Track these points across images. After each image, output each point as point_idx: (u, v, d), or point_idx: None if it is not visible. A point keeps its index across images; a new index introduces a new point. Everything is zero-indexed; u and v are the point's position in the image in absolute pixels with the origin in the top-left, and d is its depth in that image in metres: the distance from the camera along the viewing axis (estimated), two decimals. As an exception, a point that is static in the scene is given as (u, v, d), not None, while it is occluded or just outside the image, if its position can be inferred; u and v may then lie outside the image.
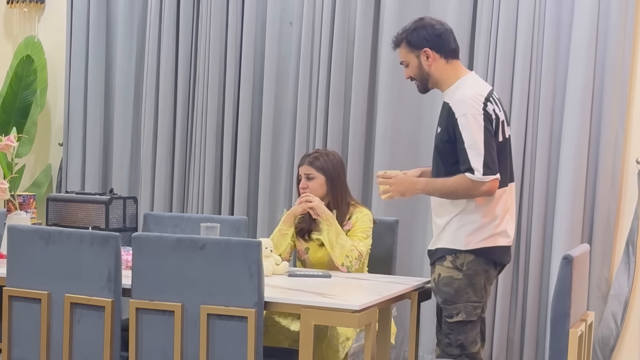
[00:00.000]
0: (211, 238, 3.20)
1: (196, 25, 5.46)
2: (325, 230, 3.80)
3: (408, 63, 3.52)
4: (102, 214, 4.45)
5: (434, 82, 3.51)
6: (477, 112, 3.36)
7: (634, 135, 4.64)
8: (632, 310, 4.63)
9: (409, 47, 3.49)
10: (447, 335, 3.44)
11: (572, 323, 3.26)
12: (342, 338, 3.69)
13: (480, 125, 3.34)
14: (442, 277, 3.44)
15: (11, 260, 3.38)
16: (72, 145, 5.77)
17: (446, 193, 3.40)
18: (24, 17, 6.13)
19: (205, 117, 5.39)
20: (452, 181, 3.36)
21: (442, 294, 3.44)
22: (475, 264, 3.42)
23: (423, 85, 3.55)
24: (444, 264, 3.44)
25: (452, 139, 3.37)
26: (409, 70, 3.53)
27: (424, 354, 4.88)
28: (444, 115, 3.43)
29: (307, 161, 3.95)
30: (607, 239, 4.63)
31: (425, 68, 3.48)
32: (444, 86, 3.50)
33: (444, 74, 3.49)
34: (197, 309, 3.12)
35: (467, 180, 3.33)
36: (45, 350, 3.31)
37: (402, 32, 3.52)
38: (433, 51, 3.46)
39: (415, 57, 3.49)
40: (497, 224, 3.43)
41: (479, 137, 3.33)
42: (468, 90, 3.43)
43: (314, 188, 3.91)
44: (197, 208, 5.41)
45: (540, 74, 4.69)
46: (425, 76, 3.50)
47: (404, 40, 3.50)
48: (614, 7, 4.52)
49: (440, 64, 3.48)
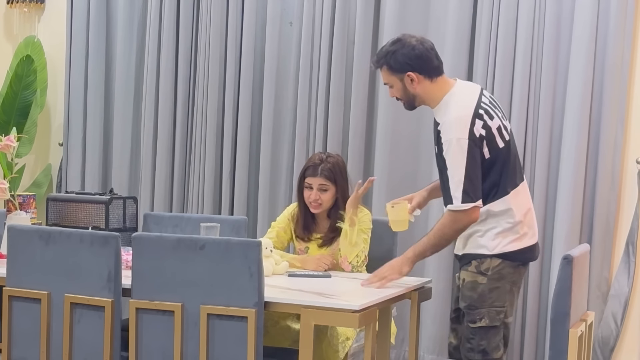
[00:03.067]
0: (211, 238, 3.20)
1: (196, 25, 5.46)
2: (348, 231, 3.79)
3: (392, 85, 3.41)
4: (102, 214, 4.44)
5: (421, 101, 3.42)
6: (462, 137, 3.26)
7: (633, 135, 4.64)
8: (632, 310, 4.63)
9: (391, 71, 3.38)
10: (469, 340, 3.38)
11: (572, 323, 3.26)
12: (342, 338, 3.69)
13: (463, 152, 3.25)
14: (467, 282, 3.40)
15: (11, 260, 3.38)
16: (72, 145, 5.77)
17: (437, 244, 3.37)
18: (24, 17, 6.13)
19: (205, 117, 5.39)
20: (435, 229, 3.36)
21: (465, 299, 3.40)
22: (501, 268, 3.37)
23: (410, 105, 3.46)
24: (468, 269, 3.40)
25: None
26: (394, 91, 3.43)
27: (424, 354, 4.88)
28: (436, 136, 3.39)
29: (323, 174, 3.86)
30: (607, 239, 4.63)
31: (410, 90, 3.39)
32: (432, 103, 3.41)
33: (431, 92, 3.39)
34: (197, 309, 3.12)
35: (446, 217, 3.32)
36: (45, 350, 3.31)
37: (382, 56, 3.39)
38: (416, 73, 3.35)
39: (398, 80, 3.38)
40: (521, 225, 3.39)
41: (461, 164, 3.25)
42: (454, 110, 3.33)
43: (326, 199, 3.87)
44: (197, 208, 5.41)
45: (540, 74, 4.69)
46: (412, 97, 3.41)
47: (385, 65, 3.38)
48: (614, 7, 4.52)
49: (425, 84, 3.37)
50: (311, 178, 3.87)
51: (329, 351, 3.67)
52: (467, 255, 3.42)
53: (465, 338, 3.40)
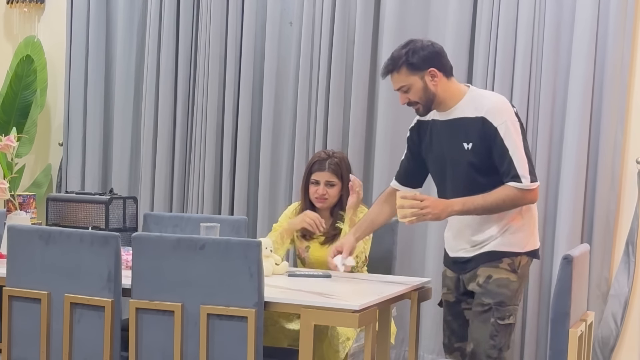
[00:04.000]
0: (211, 238, 3.20)
1: (196, 25, 5.46)
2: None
3: (409, 87, 3.35)
4: (102, 214, 4.44)
5: (439, 102, 3.38)
6: (514, 120, 3.30)
7: (633, 135, 4.64)
8: (632, 310, 4.63)
9: (411, 69, 3.33)
10: (493, 337, 3.35)
11: (572, 323, 3.26)
12: (342, 338, 3.69)
13: (519, 133, 3.29)
14: (496, 279, 3.37)
15: (11, 260, 3.38)
16: (72, 145, 5.77)
17: (490, 208, 3.29)
18: (24, 17, 6.13)
19: (205, 117, 5.39)
20: (495, 195, 3.27)
21: (496, 296, 3.36)
22: (526, 266, 3.43)
23: (427, 107, 3.39)
24: (499, 265, 3.38)
25: (489, 151, 3.30)
26: (410, 95, 3.36)
27: (424, 354, 4.88)
28: (477, 128, 3.30)
29: (331, 168, 3.87)
30: (607, 239, 4.63)
31: (431, 89, 3.34)
32: (448, 104, 3.38)
33: (449, 92, 3.37)
34: (197, 309, 3.12)
35: (513, 191, 3.26)
36: (45, 350, 3.31)
37: (399, 57, 3.35)
38: (437, 70, 3.35)
39: (419, 78, 3.34)
40: (536, 224, 3.45)
41: (520, 145, 3.27)
42: (491, 98, 3.36)
43: (333, 195, 3.88)
44: (197, 208, 5.41)
45: (540, 74, 4.69)
46: (431, 97, 3.36)
47: (405, 64, 3.33)
48: (614, 8, 4.52)
49: (444, 82, 3.36)
50: (318, 173, 3.88)
51: (329, 351, 3.68)
52: (497, 253, 3.39)
53: (489, 335, 3.36)
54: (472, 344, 3.40)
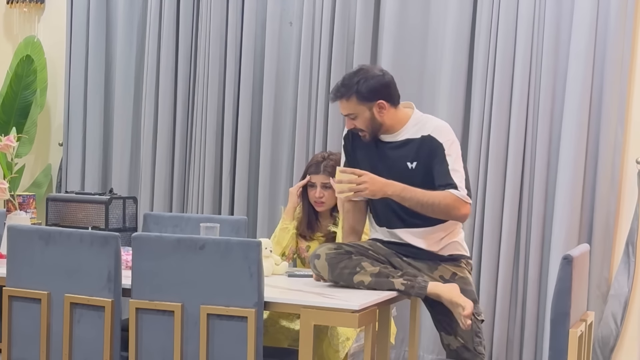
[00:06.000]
0: (211, 238, 3.20)
1: (196, 25, 5.46)
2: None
3: (357, 115, 3.41)
4: (101, 214, 4.44)
5: (385, 129, 3.45)
6: (457, 141, 3.43)
7: (633, 136, 4.64)
8: (632, 310, 4.63)
9: (361, 99, 3.38)
10: (477, 334, 3.47)
11: (572, 323, 3.26)
12: (342, 338, 3.69)
13: (459, 154, 3.41)
14: (462, 277, 3.48)
15: (11, 260, 3.38)
16: (72, 145, 5.77)
17: (425, 204, 3.33)
18: (24, 17, 6.13)
19: (205, 117, 5.39)
20: (434, 194, 3.34)
21: (469, 294, 3.43)
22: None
23: (373, 135, 3.46)
24: (461, 264, 3.51)
25: (428, 168, 3.39)
26: (357, 122, 3.43)
27: (424, 354, 4.88)
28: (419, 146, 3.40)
29: (326, 171, 3.87)
30: (607, 239, 4.63)
31: (378, 119, 3.41)
32: (394, 129, 3.46)
33: (395, 119, 3.45)
34: (197, 309, 3.12)
35: (452, 197, 3.33)
36: (45, 350, 3.31)
37: (350, 86, 3.40)
38: (385, 102, 3.40)
39: (367, 109, 3.39)
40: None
41: (460, 164, 3.40)
42: (438, 120, 3.50)
43: (329, 196, 3.89)
44: (197, 208, 5.41)
45: (540, 74, 4.69)
46: (378, 126, 3.43)
47: (355, 94, 3.38)
48: (614, 8, 4.52)
49: (391, 112, 3.43)
50: (314, 176, 3.89)
51: (329, 351, 3.68)
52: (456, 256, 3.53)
53: (474, 332, 3.45)
54: (461, 339, 3.49)
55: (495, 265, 4.73)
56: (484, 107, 4.76)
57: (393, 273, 3.32)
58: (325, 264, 3.33)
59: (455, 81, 4.82)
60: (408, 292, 3.31)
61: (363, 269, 3.31)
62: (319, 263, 3.35)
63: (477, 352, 3.47)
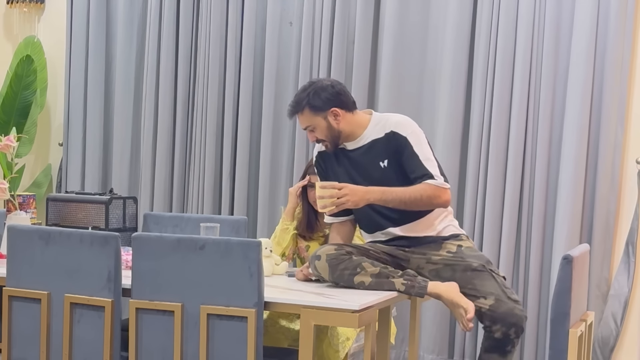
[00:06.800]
0: (211, 238, 3.19)
1: (196, 25, 5.46)
2: None
3: (314, 127, 3.49)
4: (102, 214, 4.44)
5: (345, 136, 3.50)
6: (419, 130, 3.48)
7: (633, 135, 4.64)
8: (632, 310, 4.64)
9: (314, 110, 3.46)
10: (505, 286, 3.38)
11: (572, 323, 3.26)
12: (342, 338, 3.69)
13: (425, 142, 3.47)
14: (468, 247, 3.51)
15: (11, 260, 3.38)
16: (72, 145, 5.77)
17: (408, 201, 3.38)
18: (24, 17, 6.13)
19: (205, 117, 5.39)
20: (413, 188, 3.37)
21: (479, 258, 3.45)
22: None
23: (334, 144, 3.52)
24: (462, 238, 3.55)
25: (400, 163, 3.42)
26: (317, 133, 3.50)
27: (424, 354, 4.88)
28: (386, 144, 3.45)
29: None
30: (607, 239, 4.63)
31: (335, 127, 3.47)
32: (355, 135, 3.51)
33: (354, 124, 3.50)
34: (197, 309, 3.12)
35: (431, 187, 3.38)
36: (45, 350, 3.31)
37: (301, 100, 3.49)
38: (339, 109, 3.46)
39: (322, 119, 3.46)
40: None
41: (429, 151, 3.45)
42: (397, 115, 3.55)
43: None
44: (197, 208, 5.41)
45: (540, 74, 4.69)
46: (337, 134, 3.49)
47: (307, 106, 3.47)
48: (614, 8, 4.53)
49: (347, 117, 3.49)
50: (314, 176, 3.89)
51: (329, 351, 3.68)
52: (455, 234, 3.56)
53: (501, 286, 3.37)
54: (492, 297, 3.34)
55: (495, 265, 4.72)
56: (484, 107, 4.77)
57: (393, 273, 3.32)
58: (325, 265, 3.33)
59: (455, 81, 4.82)
60: (408, 292, 3.31)
61: (363, 269, 3.31)
62: (320, 264, 3.35)
63: (513, 299, 3.35)
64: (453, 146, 4.81)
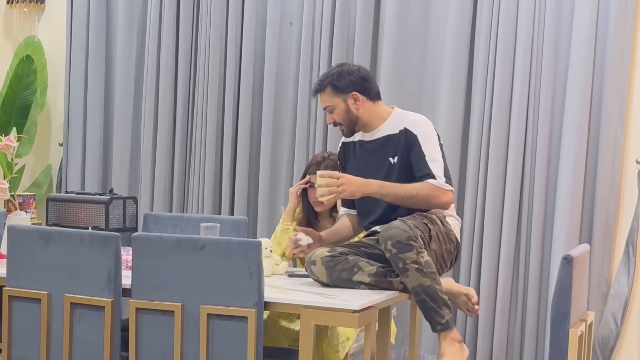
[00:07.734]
0: (211, 238, 3.20)
1: (196, 25, 5.46)
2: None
3: (333, 108, 3.53)
4: (102, 214, 4.45)
5: (362, 124, 3.53)
6: (434, 132, 3.49)
7: (633, 135, 4.64)
8: (632, 310, 4.63)
9: (335, 91, 3.51)
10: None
11: (572, 323, 3.26)
12: (342, 338, 3.69)
13: (437, 143, 3.48)
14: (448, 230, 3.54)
15: (11, 260, 3.38)
16: (72, 145, 5.77)
17: (404, 197, 3.39)
18: (24, 17, 6.13)
19: (205, 117, 5.39)
20: (412, 186, 3.39)
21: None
22: None
23: (350, 129, 3.55)
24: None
25: (408, 161, 3.44)
26: (335, 115, 3.54)
27: (424, 354, 4.89)
28: (398, 140, 3.47)
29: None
30: (607, 239, 4.63)
31: (353, 111, 3.51)
32: (373, 125, 3.54)
33: (373, 114, 3.53)
34: (197, 309, 3.12)
35: (429, 186, 3.39)
36: (45, 350, 3.31)
37: (326, 78, 3.54)
38: (360, 94, 3.49)
39: (342, 101, 3.51)
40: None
41: (438, 152, 3.45)
42: (415, 114, 3.56)
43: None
44: (197, 208, 5.41)
45: (540, 74, 4.69)
46: (354, 119, 3.52)
47: (329, 85, 3.51)
48: (614, 7, 4.52)
49: (367, 106, 3.52)
50: (314, 176, 3.89)
51: (329, 351, 3.68)
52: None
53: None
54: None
55: (495, 265, 4.73)
56: (484, 107, 4.77)
57: (390, 272, 3.32)
58: (322, 268, 3.33)
59: (455, 81, 4.82)
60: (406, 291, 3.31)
61: (361, 269, 3.31)
62: (317, 269, 3.35)
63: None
64: (453, 146, 4.80)
